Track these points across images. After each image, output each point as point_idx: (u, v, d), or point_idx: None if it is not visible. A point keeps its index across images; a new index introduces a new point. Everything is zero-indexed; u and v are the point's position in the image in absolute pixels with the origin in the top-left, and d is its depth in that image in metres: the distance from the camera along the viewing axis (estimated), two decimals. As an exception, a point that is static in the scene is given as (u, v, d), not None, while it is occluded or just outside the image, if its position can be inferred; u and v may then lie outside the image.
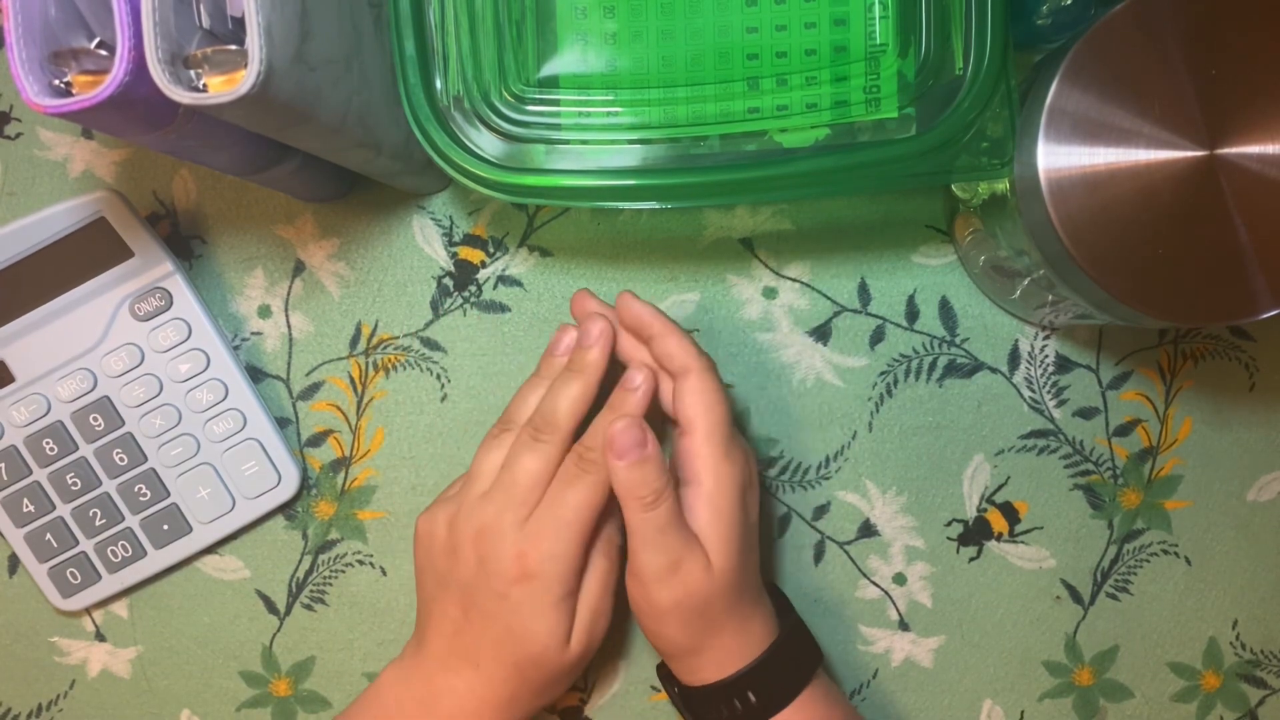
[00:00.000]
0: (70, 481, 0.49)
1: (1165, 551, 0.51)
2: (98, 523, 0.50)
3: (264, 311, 0.51)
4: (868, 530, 0.51)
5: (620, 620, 0.51)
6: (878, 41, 0.42)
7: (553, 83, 0.43)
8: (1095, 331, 0.51)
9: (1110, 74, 0.37)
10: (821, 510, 0.51)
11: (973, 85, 0.41)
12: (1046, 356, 0.51)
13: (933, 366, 0.51)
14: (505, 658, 0.42)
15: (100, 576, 0.50)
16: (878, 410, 0.51)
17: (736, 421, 0.50)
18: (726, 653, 0.42)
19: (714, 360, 0.44)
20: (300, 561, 0.52)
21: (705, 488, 0.42)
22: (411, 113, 0.42)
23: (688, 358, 0.43)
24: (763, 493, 0.51)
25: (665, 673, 0.46)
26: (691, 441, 0.42)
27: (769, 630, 0.44)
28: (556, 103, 0.43)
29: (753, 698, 0.42)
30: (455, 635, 0.43)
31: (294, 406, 0.52)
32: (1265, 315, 0.38)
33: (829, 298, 0.51)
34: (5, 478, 0.49)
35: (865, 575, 0.51)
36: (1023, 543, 0.51)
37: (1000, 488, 0.51)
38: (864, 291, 0.51)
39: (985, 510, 0.51)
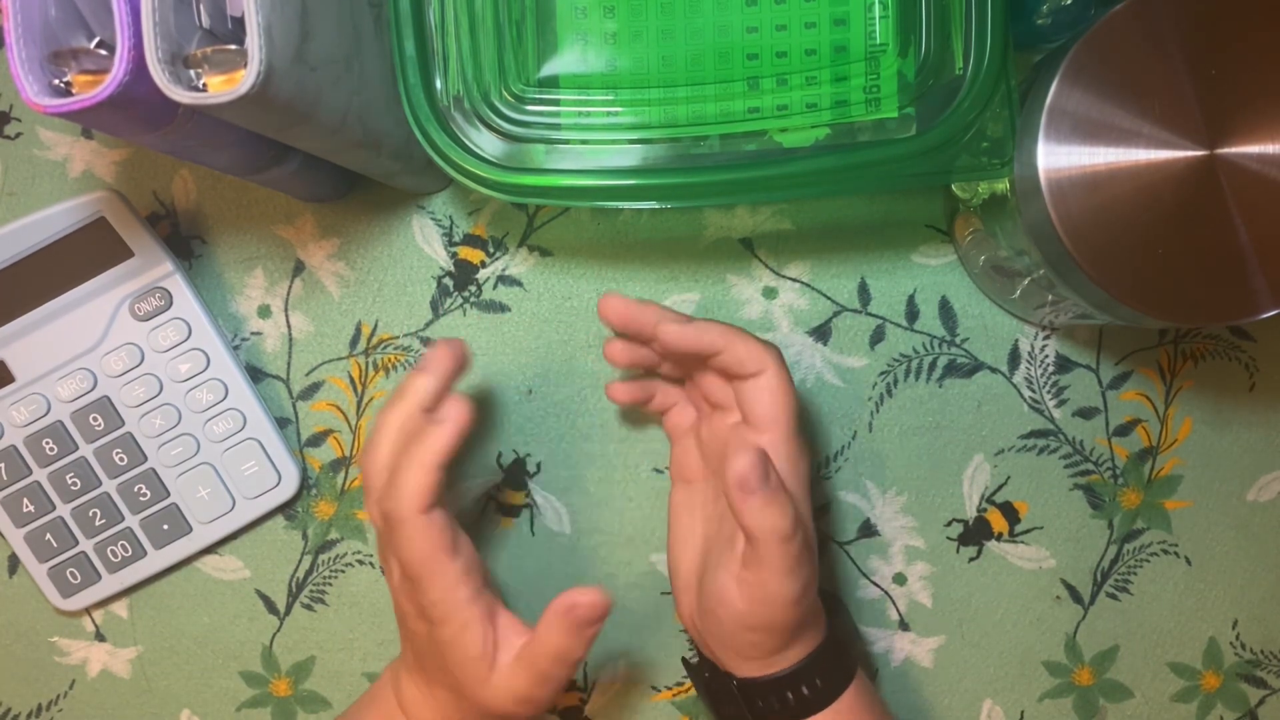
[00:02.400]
0: (70, 481, 0.49)
1: (1165, 551, 0.51)
2: (98, 523, 0.50)
3: (264, 311, 0.52)
4: (868, 530, 0.51)
5: (619, 620, 0.51)
6: (878, 41, 0.42)
7: (553, 83, 0.43)
8: (1095, 331, 0.51)
9: (1110, 74, 0.37)
10: (821, 510, 0.51)
11: (973, 85, 0.41)
12: (1046, 356, 0.51)
13: (933, 366, 0.51)
14: (442, 677, 0.42)
15: (100, 576, 0.50)
16: (878, 410, 0.51)
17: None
18: (791, 649, 0.42)
19: (779, 349, 0.43)
20: (300, 561, 0.52)
21: (791, 492, 0.40)
22: (411, 113, 0.42)
23: (763, 358, 0.41)
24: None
25: (708, 666, 0.45)
26: (770, 442, 0.41)
27: (822, 625, 0.43)
28: (556, 103, 0.43)
29: (806, 690, 0.42)
30: (417, 650, 0.43)
31: (294, 406, 0.52)
32: (1265, 315, 0.38)
33: (829, 298, 0.51)
34: (5, 478, 0.49)
35: (865, 575, 0.51)
36: (1023, 543, 0.51)
37: (1000, 488, 0.51)
38: (864, 291, 0.51)
39: (985, 510, 0.51)
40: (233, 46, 0.34)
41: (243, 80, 0.32)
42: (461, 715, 0.42)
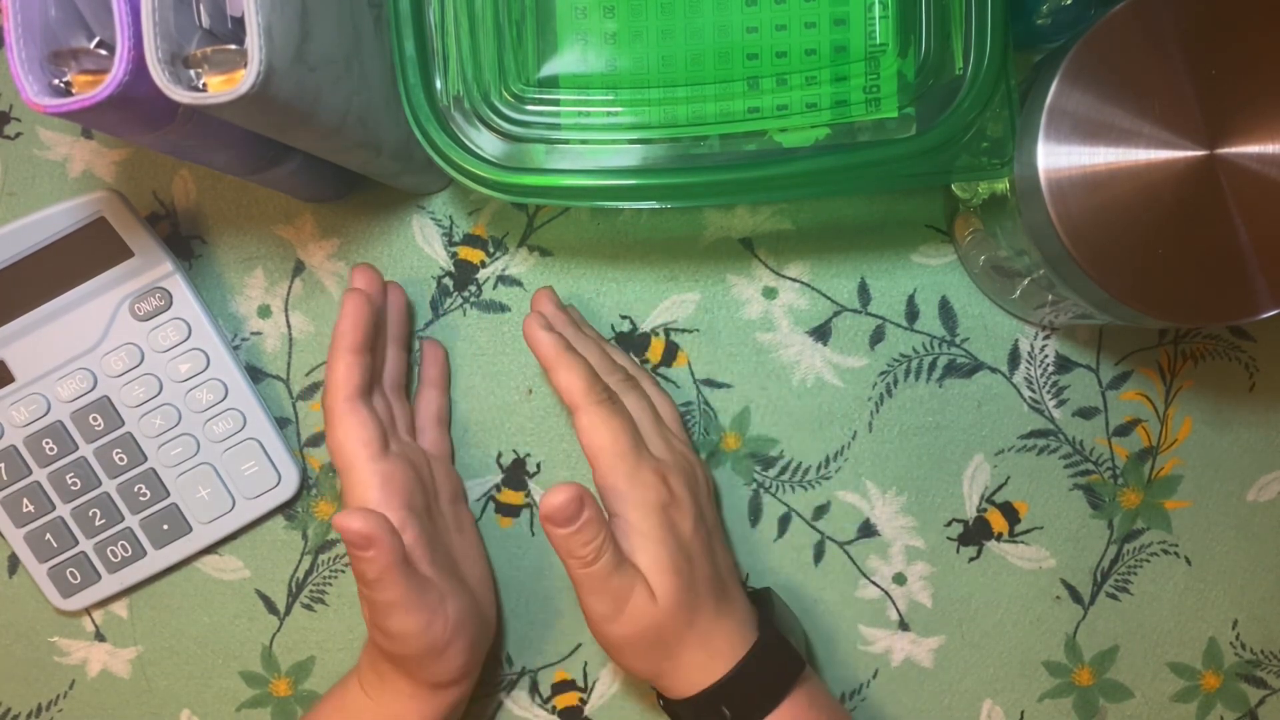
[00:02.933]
0: (70, 481, 0.49)
1: (1165, 551, 0.51)
2: (97, 523, 0.50)
3: (264, 311, 0.51)
4: (868, 530, 0.51)
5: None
6: (878, 41, 0.42)
7: (553, 83, 0.43)
8: (1095, 331, 0.51)
9: (1110, 74, 0.37)
10: (821, 510, 0.51)
11: (973, 85, 0.41)
12: (1046, 356, 0.51)
13: (933, 366, 0.51)
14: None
15: (100, 576, 0.50)
16: (878, 410, 0.51)
17: (736, 421, 0.50)
18: (693, 669, 0.42)
19: (606, 387, 0.44)
20: (300, 561, 0.52)
21: (627, 519, 0.42)
22: (411, 113, 0.42)
23: (573, 395, 0.43)
24: (763, 493, 0.51)
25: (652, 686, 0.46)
26: (598, 476, 0.42)
27: (738, 641, 0.43)
28: (556, 103, 0.43)
29: (726, 711, 0.42)
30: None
31: (294, 406, 0.52)
32: (1265, 315, 0.38)
33: (829, 298, 0.51)
34: (5, 478, 0.49)
35: (865, 575, 0.51)
36: (1023, 543, 0.51)
37: (1000, 488, 0.51)
38: (864, 291, 0.51)
39: (985, 510, 0.51)
40: (233, 46, 0.34)
41: (243, 80, 0.32)
42: (385, 664, 0.44)
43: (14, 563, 0.52)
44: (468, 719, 0.49)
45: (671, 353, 0.51)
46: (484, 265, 0.51)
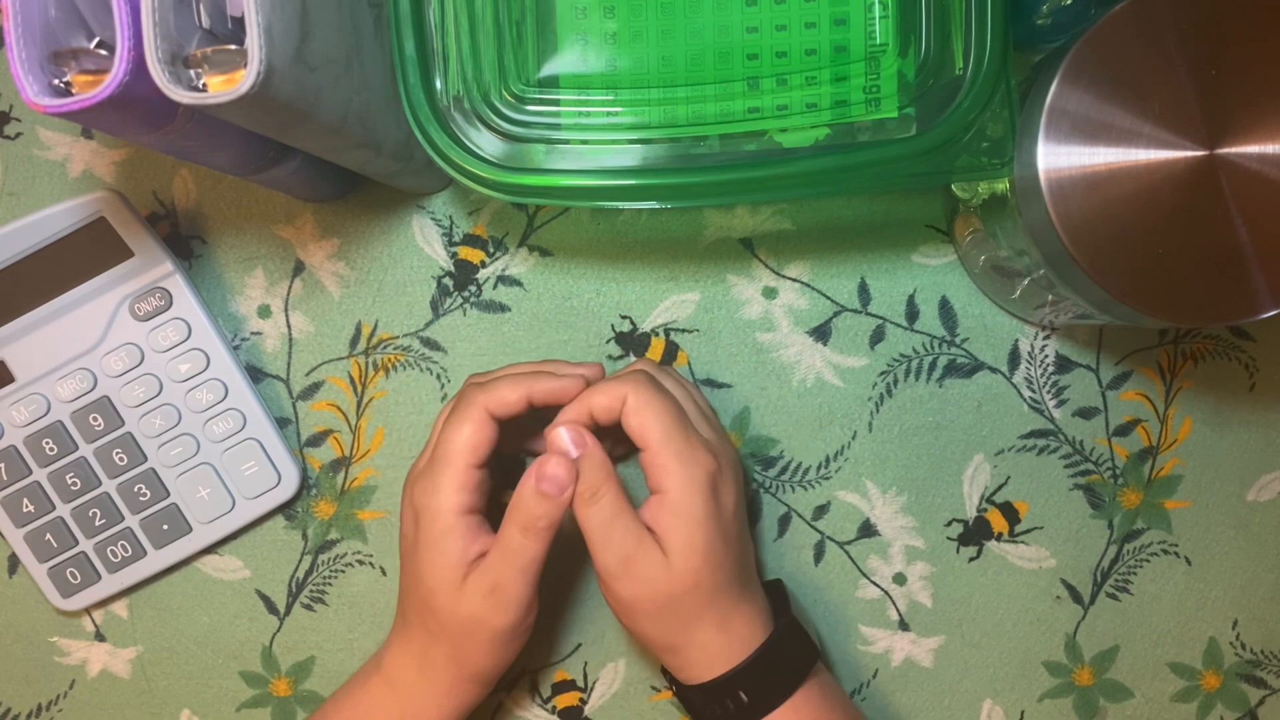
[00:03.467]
0: (70, 481, 0.49)
1: (1165, 551, 0.51)
2: (98, 523, 0.50)
3: (264, 311, 0.52)
4: (868, 530, 0.51)
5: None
6: (878, 41, 0.42)
7: (553, 83, 0.43)
8: (1095, 331, 0.51)
9: (1110, 74, 0.37)
10: (821, 510, 0.51)
11: (973, 85, 0.41)
12: (1046, 356, 0.51)
13: (933, 366, 0.51)
14: (411, 604, 0.44)
15: (100, 576, 0.50)
16: (878, 410, 0.51)
17: (736, 421, 0.50)
18: (711, 651, 0.43)
19: (647, 371, 0.44)
20: (300, 561, 0.52)
21: (670, 495, 0.42)
22: (411, 113, 0.42)
23: (618, 392, 0.43)
24: (763, 493, 0.51)
25: (665, 670, 0.46)
26: (649, 455, 0.42)
27: (758, 629, 0.43)
28: (556, 103, 0.43)
29: (744, 697, 0.42)
30: (401, 598, 0.46)
31: (294, 406, 0.52)
32: (1265, 315, 0.38)
33: (829, 298, 0.51)
34: (5, 478, 0.49)
35: (865, 575, 0.51)
36: (1023, 543, 0.51)
37: (1000, 488, 0.51)
38: (864, 291, 0.51)
39: (985, 510, 0.51)
40: (233, 46, 0.34)
41: (243, 80, 0.32)
42: (438, 653, 0.44)
43: (14, 563, 0.52)
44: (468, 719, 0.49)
45: (671, 353, 0.51)
46: (484, 265, 0.51)
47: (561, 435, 0.43)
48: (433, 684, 0.44)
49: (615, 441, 0.48)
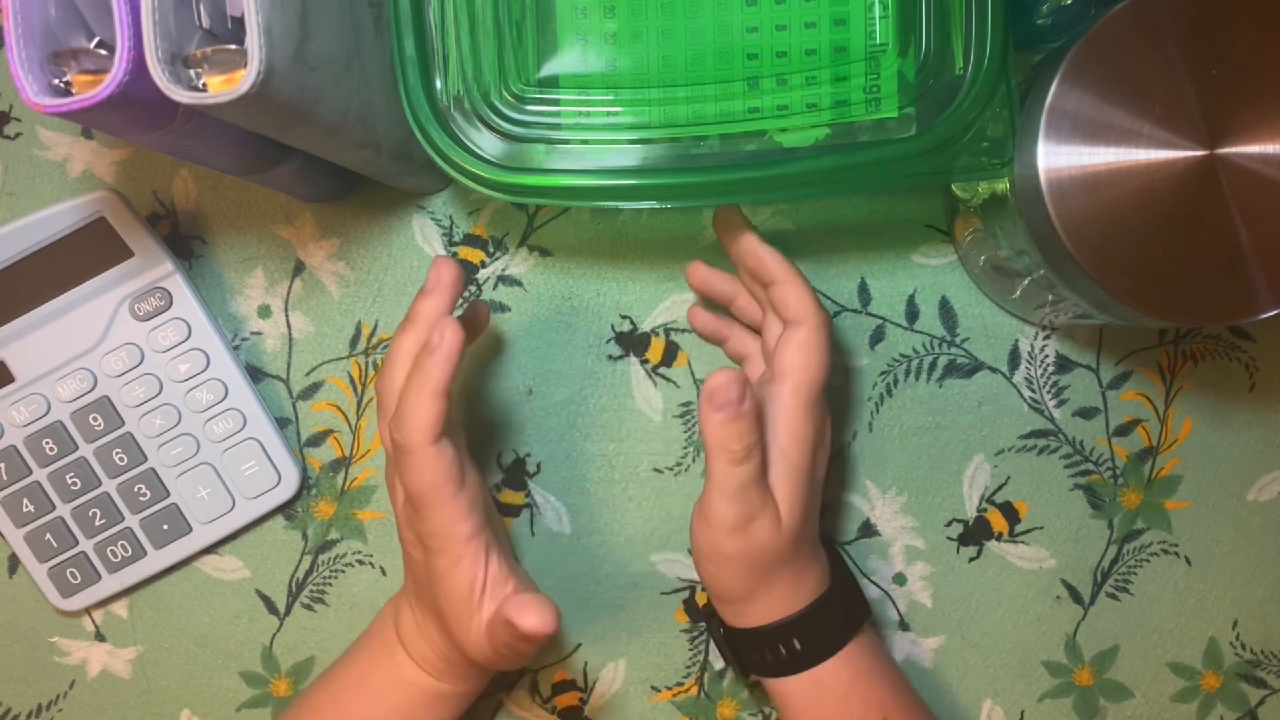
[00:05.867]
0: (70, 481, 0.49)
1: (1165, 551, 0.51)
2: (98, 523, 0.50)
3: (264, 311, 0.51)
4: (868, 530, 0.51)
5: (620, 620, 0.51)
6: (878, 41, 0.42)
7: (553, 83, 0.43)
8: (1095, 331, 0.51)
9: (1110, 74, 0.37)
10: (821, 510, 0.51)
11: (973, 85, 0.41)
12: (1046, 356, 0.51)
13: (933, 366, 0.51)
14: (434, 610, 0.43)
15: (100, 576, 0.50)
16: (878, 410, 0.51)
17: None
18: (777, 601, 0.43)
19: (830, 318, 0.44)
20: (300, 561, 0.52)
21: (781, 443, 0.42)
22: (411, 113, 0.42)
23: (805, 310, 0.43)
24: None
25: (710, 611, 0.46)
26: (779, 391, 0.42)
27: (820, 581, 0.44)
28: (556, 103, 0.43)
29: (798, 645, 0.43)
30: (415, 585, 0.45)
31: (294, 406, 0.52)
32: (1265, 315, 0.38)
33: (829, 298, 0.51)
34: (5, 478, 0.49)
35: (865, 575, 0.51)
36: (1023, 543, 0.51)
37: (1000, 488, 0.51)
38: (864, 291, 0.51)
39: (985, 510, 0.51)
40: (233, 46, 0.34)
41: (243, 80, 0.32)
42: (447, 650, 0.44)
43: (14, 563, 0.52)
44: (468, 719, 0.49)
45: (671, 353, 0.51)
46: (484, 265, 0.51)
47: (731, 389, 0.39)
48: (463, 673, 0.45)
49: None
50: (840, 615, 0.44)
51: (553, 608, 0.39)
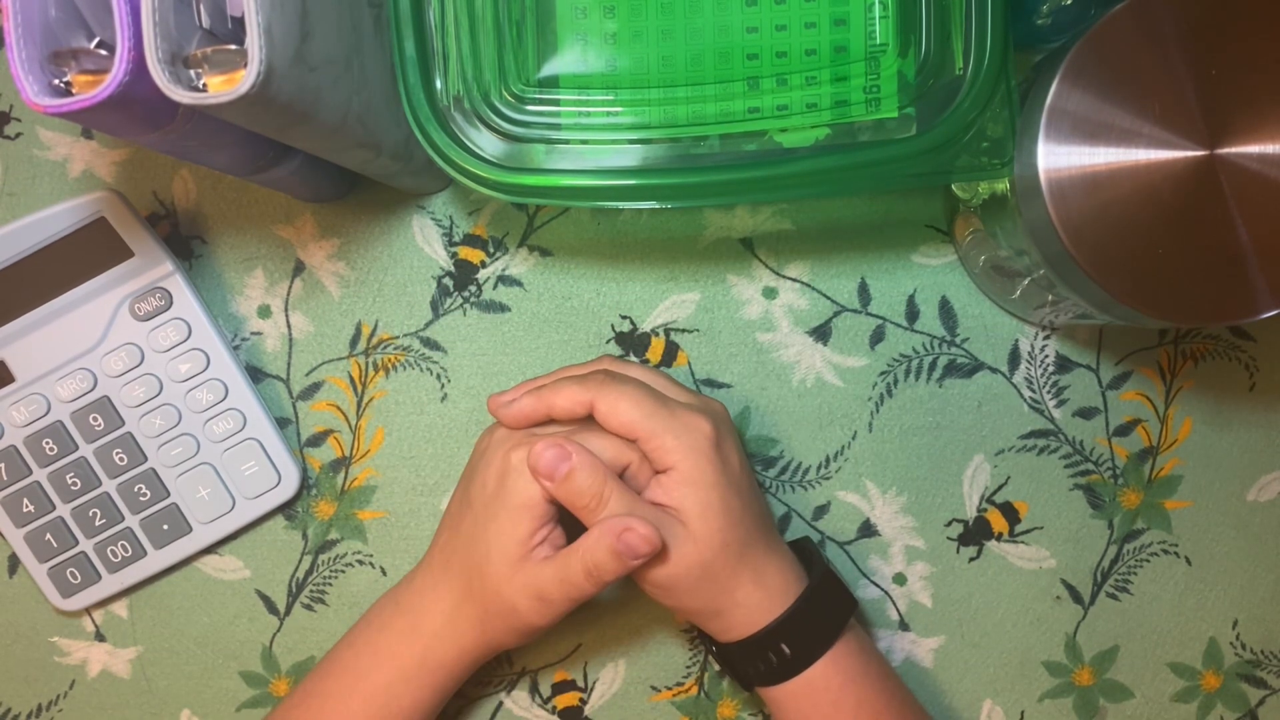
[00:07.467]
0: (70, 481, 0.49)
1: (1165, 551, 0.51)
2: (98, 523, 0.50)
3: (264, 311, 0.52)
4: (868, 530, 0.51)
5: (620, 620, 0.51)
6: (878, 41, 0.42)
7: (553, 83, 0.43)
8: (1095, 331, 0.51)
9: (1110, 74, 0.37)
10: (821, 510, 0.51)
11: (973, 85, 0.41)
12: (1046, 356, 0.51)
13: (933, 366, 0.51)
14: (457, 557, 0.44)
15: (100, 576, 0.50)
16: (878, 410, 0.51)
17: (736, 421, 0.50)
18: (750, 608, 0.43)
19: (604, 369, 0.44)
20: (300, 561, 0.52)
21: (678, 470, 0.42)
22: (411, 113, 0.42)
23: (580, 396, 0.43)
24: (763, 492, 0.51)
25: (701, 633, 0.46)
26: (643, 441, 0.42)
27: (793, 580, 0.44)
28: (556, 103, 0.43)
29: (787, 649, 0.43)
30: (447, 542, 0.45)
31: (294, 406, 0.52)
32: (1265, 315, 0.38)
33: (829, 298, 0.51)
34: (5, 478, 0.49)
35: (865, 575, 0.51)
36: (1023, 543, 0.51)
37: (1000, 488, 0.51)
38: (864, 291, 0.51)
39: (985, 510, 0.51)
40: (233, 46, 0.34)
41: (243, 80, 0.32)
42: (469, 610, 0.44)
43: (14, 563, 0.52)
44: (468, 719, 0.49)
45: (671, 353, 0.51)
46: (484, 265, 0.51)
47: (545, 457, 0.41)
48: (457, 635, 0.45)
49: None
50: (823, 612, 0.44)
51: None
